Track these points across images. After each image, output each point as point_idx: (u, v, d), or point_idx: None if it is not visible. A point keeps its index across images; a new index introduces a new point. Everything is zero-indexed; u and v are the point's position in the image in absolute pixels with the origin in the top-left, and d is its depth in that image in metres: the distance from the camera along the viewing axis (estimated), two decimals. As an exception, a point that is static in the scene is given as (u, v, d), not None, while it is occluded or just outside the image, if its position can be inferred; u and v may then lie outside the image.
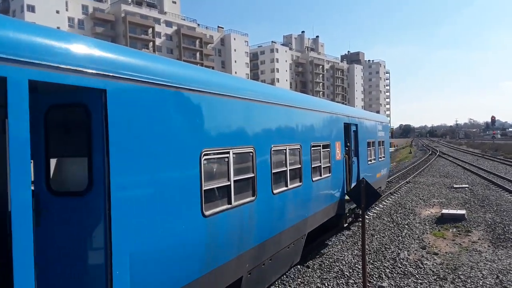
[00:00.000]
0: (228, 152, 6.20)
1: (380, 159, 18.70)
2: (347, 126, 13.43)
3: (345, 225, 13.90)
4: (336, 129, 12.05)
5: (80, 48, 3.92)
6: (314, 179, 9.96)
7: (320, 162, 10.45)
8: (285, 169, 8.36)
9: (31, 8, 65.35)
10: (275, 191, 7.84)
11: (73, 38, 4.00)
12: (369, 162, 16.39)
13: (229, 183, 6.23)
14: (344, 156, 12.64)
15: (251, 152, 6.93)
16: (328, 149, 11.20)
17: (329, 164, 11.22)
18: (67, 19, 71.53)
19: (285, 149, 8.38)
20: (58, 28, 66.17)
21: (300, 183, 9.10)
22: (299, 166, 9.09)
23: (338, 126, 12.33)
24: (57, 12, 68.53)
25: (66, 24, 70.04)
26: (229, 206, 6.22)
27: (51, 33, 3.73)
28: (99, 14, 77.69)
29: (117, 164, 4.16)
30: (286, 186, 8.40)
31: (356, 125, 14.53)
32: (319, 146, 10.44)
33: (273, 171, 7.72)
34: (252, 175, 6.96)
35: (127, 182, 4.31)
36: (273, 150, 7.74)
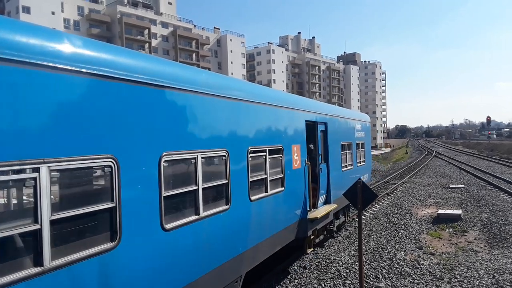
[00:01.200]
0: (35, 169, 3.46)
1: (359, 165, 16.01)
2: (312, 125, 10.97)
3: (309, 250, 11.03)
4: (293, 128, 9.43)
5: None
6: (253, 197, 7.32)
7: (266, 173, 7.86)
8: (195, 188, 5.67)
9: (26, 10, 65.01)
10: (168, 226, 5.03)
11: None
12: (344, 169, 13.60)
13: (38, 226, 3.46)
14: (305, 163, 9.98)
15: (110, 166, 4.20)
16: (280, 155, 8.56)
17: (281, 175, 8.56)
18: (62, 20, 71.20)
19: (195, 158, 5.65)
20: (53, 29, 65.76)
21: (227, 206, 6.46)
22: (225, 181, 6.45)
23: (297, 124, 9.72)
24: (53, 13, 68.14)
25: (61, 25, 69.71)
26: (39, 270, 3.46)
27: None
28: (95, 15, 77.42)
29: None
30: (197, 214, 5.68)
31: (325, 123, 11.83)
32: (264, 151, 7.84)
33: (164, 194, 4.98)
34: (110, 205, 4.19)
35: None
36: (166, 161, 5.04)
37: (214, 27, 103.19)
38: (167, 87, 5.19)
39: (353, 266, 10.56)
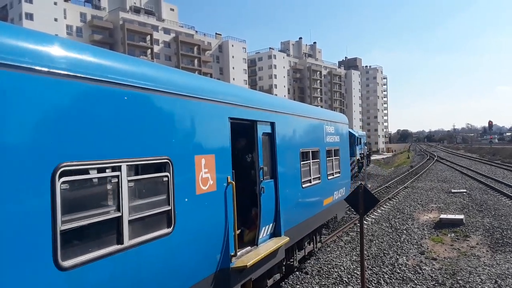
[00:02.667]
0: None
1: (330, 177, 12.31)
2: (247, 126, 7.86)
3: None
4: (200, 129, 6.07)
5: None
6: (73, 261, 3.82)
7: (120, 210, 4.37)
8: None
9: (30, 16, 65.55)
10: None
11: None
12: (306, 185, 10.09)
13: None
14: (227, 183, 6.64)
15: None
16: (164, 174, 5.17)
17: (166, 208, 5.16)
18: (65, 26, 71.71)
19: None
20: (56, 35, 66.33)
21: None
22: None
23: (210, 123, 6.37)
24: (55, 20, 68.68)
25: (64, 32, 70.19)
26: None
27: None
28: (97, 22, 77.94)
29: None
30: None
31: (272, 123, 8.41)
32: (115, 169, 4.39)
33: None
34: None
35: None
36: None
37: (216, 33, 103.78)
38: None
39: (355, 271, 10.56)
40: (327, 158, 12.12)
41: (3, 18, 67.98)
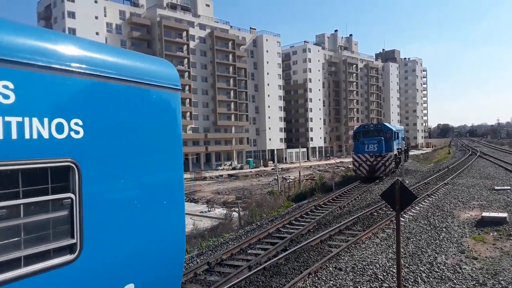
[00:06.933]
0: None
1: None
2: None
3: None
4: None
5: None
6: None
7: None
8: None
9: (72, 15, 68.10)
10: None
11: None
12: None
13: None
14: None
15: None
16: None
17: None
18: (105, 24, 74.05)
19: None
20: (97, 33, 68.83)
21: None
22: None
23: None
24: (96, 17, 71.00)
25: (104, 29, 72.52)
26: None
27: None
28: (136, 19, 79.85)
29: None
30: None
31: None
32: None
33: None
34: None
35: None
36: None
37: (250, 28, 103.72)
38: None
39: (391, 269, 10.36)
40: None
41: (47, 17, 71.12)
